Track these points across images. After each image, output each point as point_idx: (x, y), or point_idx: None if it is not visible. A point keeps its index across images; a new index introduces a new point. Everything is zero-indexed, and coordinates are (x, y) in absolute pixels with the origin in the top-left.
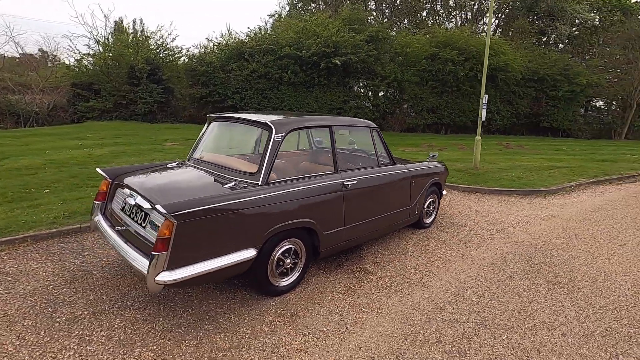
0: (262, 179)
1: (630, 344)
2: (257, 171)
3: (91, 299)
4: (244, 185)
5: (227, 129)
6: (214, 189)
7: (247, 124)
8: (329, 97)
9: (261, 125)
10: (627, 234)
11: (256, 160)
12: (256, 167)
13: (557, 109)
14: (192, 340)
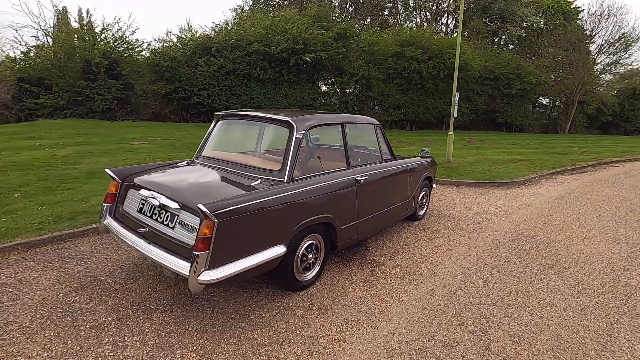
0: (287, 176)
1: (619, 314)
2: (282, 169)
3: (110, 305)
4: (271, 183)
5: (239, 127)
6: (242, 187)
7: (265, 121)
8: (299, 93)
9: (281, 123)
10: (592, 219)
11: (276, 157)
12: (279, 164)
13: (511, 106)
14: (230, 338)
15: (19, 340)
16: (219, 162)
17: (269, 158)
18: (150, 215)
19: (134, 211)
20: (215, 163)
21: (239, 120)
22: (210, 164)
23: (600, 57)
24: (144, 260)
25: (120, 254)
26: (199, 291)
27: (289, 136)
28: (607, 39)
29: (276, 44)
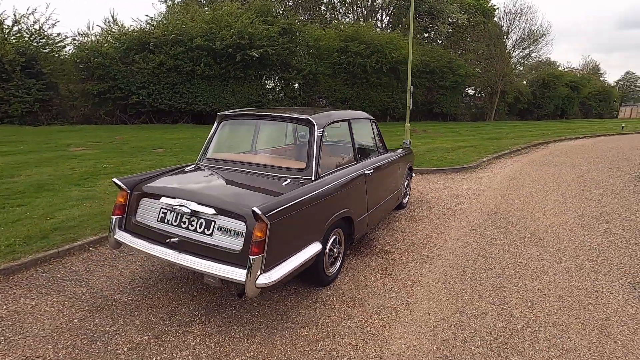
0: (314, 173)
1: (595, 272)
2: (307, 167)
3: (139, 324)
4: (301, 182)
5: (247, 127)
6: (277, 187)
7: (281, 120)
8: (247, 90)
9: (301, 122)
10: (543, 195)
11: (296, 155)
12: (303, 163)
13: (445, 97)
14: (282, 339)
15: None
16: (233, 164)
17: (287, 157)
18: (177, 224)
19: (153, 221)
20: (230, 165)
21: (246, 120)
22: (225, 167)
23: (515, 51)
24: (152, 274)
25: (122, 270)
26: (255, 295)
27: (310, 134)
28: (520, 35)
29: (220, 39)
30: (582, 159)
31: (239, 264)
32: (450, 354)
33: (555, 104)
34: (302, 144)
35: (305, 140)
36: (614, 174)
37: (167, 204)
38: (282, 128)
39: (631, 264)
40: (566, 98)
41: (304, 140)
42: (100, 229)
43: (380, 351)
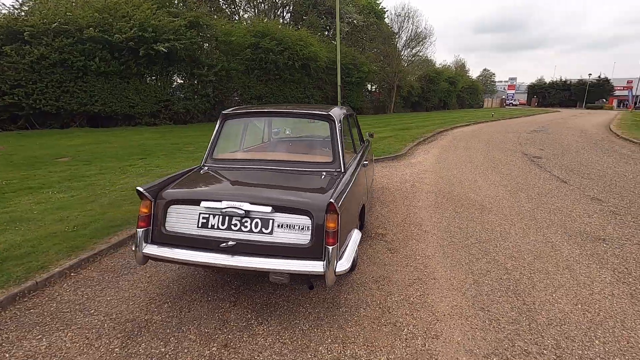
0: (342, 166)
1: (541, 229)
2: (334, 160)
3: (195, 338)
4: (334, 174)
5: (254, 125)
6: (319, 181)
7: (299, 117)
8: (153, 88)
9: (322, 117)
10: (470, 174)
11: (318, 150)
12: (329, 157)
13: (352, 92)
14: (348, 322)
15: None
16: (260, 162)
17: (309, 152)
18: (226, 227)
19: (192, 229)
20: (250, 164)
21: (254, 117)
22: (247, 166)
23: (405, 50)
24: (168, 288)
25: (130, 290)
26: (333, 284)
27: (332, 129)
28: (408, 36)
29: (119, 31)
30: (479, 142)
31: (309, 257)
32: (484, 306)
33: (439, 96)
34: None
35: (279, 136)
36: (508, 154)
37: (211, 208)
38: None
39: (557, 219)
40: (446, 92)
41: (276, 136)
42: (67, 251)
43: (433, 314)
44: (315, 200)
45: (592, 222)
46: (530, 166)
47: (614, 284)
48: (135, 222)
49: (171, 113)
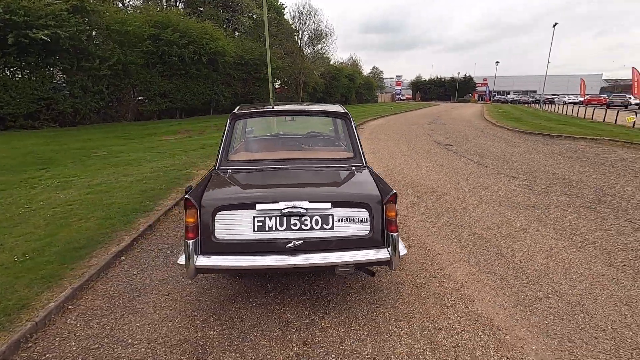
0: (364, 160)
1: (489, 203)
2: (355, 155)
3: (268, 344)
4: (361, 169)
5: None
6: (359, 175)
7: (316, 115)
8: (28, 84)
9: (339, 115)
10: (405, 162)
11: (336, 146)
12: (350, 152)
13: (262, 88)
14: (411, 313)
15: None
16: (276, 162)
17: (330, 148)
18: (285, 228)
19: (247, 233)
20: (275, 164)
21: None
22: (273, 166)
23: (308, 47)
24: (201, 302)
25: (155, 312)
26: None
27: (348, 126)
28: (311, 34)
29: None
30: (395, 134)
31: (370, 246)
32: (489, 270)
33: (340, 92)
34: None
35: (252, 135)
36: (425, 143)
37: (267, 210)
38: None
39: (494, 195)
40: (347, 88)
41: (250, 135)
42: (42, 282)
43: (457, 282)
44: (372, 192)
45: (518, 195)
46: (448, 152)
47: (560, 239)
48: (105, 240)
49: (55, 113)
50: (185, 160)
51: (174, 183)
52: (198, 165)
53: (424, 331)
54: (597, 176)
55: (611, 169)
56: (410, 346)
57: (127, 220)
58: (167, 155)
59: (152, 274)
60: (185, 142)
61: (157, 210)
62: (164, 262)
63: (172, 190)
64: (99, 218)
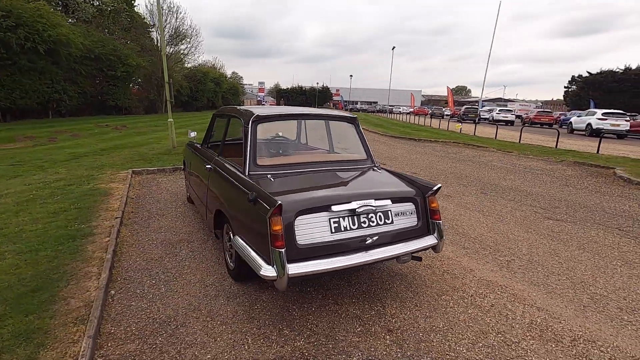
0: (375, 161)
1: None
2: (368, 157)
3: (353, 338)
4: (380, 168)
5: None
6: (382, 175)
7: (327, 119)
8: None
9: (348, 120)
10: None
11: (350, 150)
12: (362, 155)
13: (118, 88)
14: (456, 305)
15: None
16: (303, 165)
17: (344, 152)
18: (357, 226)
19: (326, 236)
20: (303, 167)
21: (284, 121)
22: (303, 169)
23: (171, 47)
24: (247, 324)
25: (208, 346)
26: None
27: (357, 129)
28: (172, 32)
29: None
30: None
31: (419, 235)
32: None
33: (207, 96)
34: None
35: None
36: None
37: (341, 211)
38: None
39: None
40: (213, 92)
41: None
42: (46, 342)
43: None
44: (415, 188)
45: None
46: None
47: (485, 216)
48: (65, 276)
49: None
50: (73, 173)
51: (90, 200)
52: (99, 177)
53: (464, 299)
54: (470, 169)
55: (473, 164)
56: (465, 312)
57: (72, 250)
58: (31, 167)
59: (168, 303)
60: (41, 151)
61: (99, 234)
62: (168, 287)
63: (97, 208)
64: (23, 252)
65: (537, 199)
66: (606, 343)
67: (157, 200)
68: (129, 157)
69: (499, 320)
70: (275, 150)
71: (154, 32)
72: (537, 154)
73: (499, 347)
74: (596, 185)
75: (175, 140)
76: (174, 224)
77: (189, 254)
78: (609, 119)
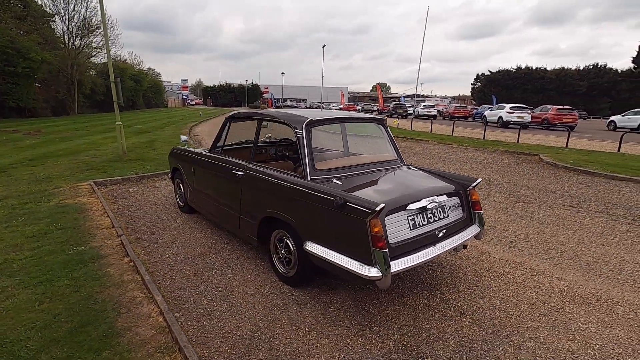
0: (403, 160)
1: None
2: (397, 157)
3: (433, 326)
4: (410, 167)
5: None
6: (422, 172)
7: (364, 122)
8: None
9: (377, 121)
10: None
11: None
12: (393, 155)
13: (19, 87)
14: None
15: None
16: (356, 167)
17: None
18: (426, 222)
19: (406, 233)
20: (357, 169)
21: (331, 125)
22: (358, 171)
23: (80, 40)
24: (321, 329)
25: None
26: None
27: (385, 130)
28: (79, 24)
29: None
30: None
31: (466, 225)
32: None
33: (126, 95)
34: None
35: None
36: None
37: (416, 209)
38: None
39: None
40: (133, 90)
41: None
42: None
43: None
44: (458, 183)
45: None
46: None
47: None
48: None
49: None
50: (16, 189)
51: (69, 219)
52: (57, 192)
53: (500, 278)
54: (428, 162)
55: (427, 157)
56: (508, 289)
57: (92, 276)
58: None
59: (241, 318)
60: None
61: (110, 254)
62: (230, 303)
63: (84, 227)
64: (31, 285)
65: (499, 186)
66: (621, 299)
67: (145, 213)
68: (73, 167)
69: (537, 292)
70: (319, 154)
71: (59, 21)
72: (473, 145)
73: (551, 314)
74: (534, 170)
75: (125, 146)
76: (184, 236)
77: (224, 266)
78: (516, 112)
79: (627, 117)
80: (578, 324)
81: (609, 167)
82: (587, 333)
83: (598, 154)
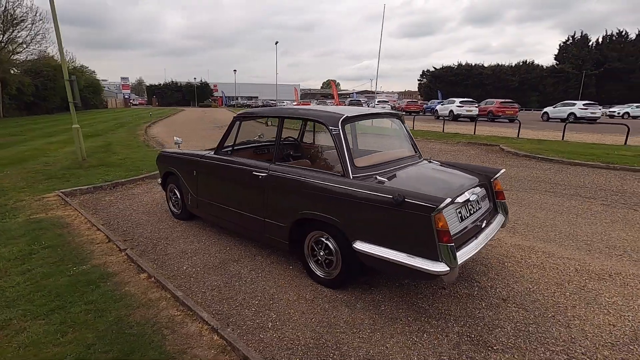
0: (421, 155)
1: None
2: (416, 152)
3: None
4: (430, 161)
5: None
6: (443, 167)
7: (389, 117)
8: None
9: (396, 116)
10: None
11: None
12: (413, 150)
13: None
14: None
15: None
16: (390, 164)
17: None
18: (469, 214)
19: (457, 225)
20: (390, 165)
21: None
22: (392, 167)
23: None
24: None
25: None
26: None
27: (404, 126)
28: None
29: None
30: (188, 129)
31: (493, 215)
32: None
33: (61, 96)
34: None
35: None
36: None
37: (462, 202)
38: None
39: None
40: None
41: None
42: None
43: None
44: (483, 175)
45: None
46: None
47: None
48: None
49: None
50: None
51: (51, 235)
52: (21, 206)
53: (520, 263)
54: None
55: None
56: (532, 272)
57: (111, 297)
58: None
59: (295, 326)
60: None
61: (121, 272)
62: (276, 312)
63: (74, 243)
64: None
65: None
66: (629, 273)
67: (136, 224)
68: (27, 177)
69: (558, 273)
70: (365, 151)
71: None
72: (437, 138)
73: (578, 292)
74: (501, 160)
75: (84, 151)
76: (193, 245)
77: (252, 274)
78: (465, 106)
79: (557, 109)
80: (605, 298)
81: (562, 154)
82: (617, 306)
83: (549, 143)
